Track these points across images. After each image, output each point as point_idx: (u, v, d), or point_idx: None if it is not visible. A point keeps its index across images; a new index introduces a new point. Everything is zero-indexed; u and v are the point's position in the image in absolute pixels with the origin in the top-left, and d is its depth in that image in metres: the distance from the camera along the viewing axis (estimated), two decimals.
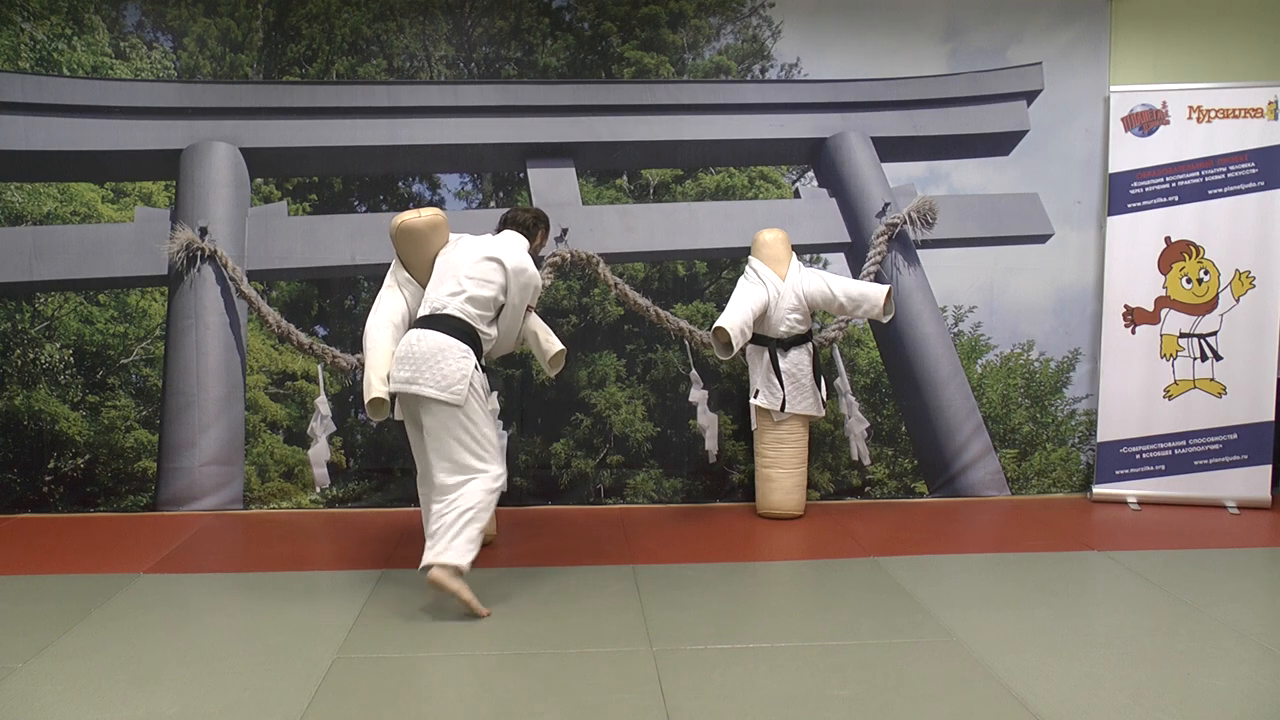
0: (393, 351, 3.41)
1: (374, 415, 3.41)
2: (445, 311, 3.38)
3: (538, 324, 3.79)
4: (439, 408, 3.23)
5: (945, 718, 2.48)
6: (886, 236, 4.84)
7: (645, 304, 4.78)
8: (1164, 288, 4.69)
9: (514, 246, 3.58)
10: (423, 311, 3.47)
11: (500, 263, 3.45)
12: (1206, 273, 4.64)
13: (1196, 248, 4.65)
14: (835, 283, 4.36)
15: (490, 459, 3.29)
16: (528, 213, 3.76)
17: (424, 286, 3.60)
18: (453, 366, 3.24)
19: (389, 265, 4.70)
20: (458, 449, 3.24)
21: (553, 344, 3.70)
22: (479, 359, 3.36)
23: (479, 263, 3.46)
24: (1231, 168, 4.60)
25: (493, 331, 3.49)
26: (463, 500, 3.21)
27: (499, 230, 3.75)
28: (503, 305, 3.50)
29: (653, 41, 4.79)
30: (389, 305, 3.58)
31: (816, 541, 4.14)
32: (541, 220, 3.78)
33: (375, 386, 3.35)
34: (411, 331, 3.40)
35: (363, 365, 4.62)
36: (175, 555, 3.93)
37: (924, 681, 2.69)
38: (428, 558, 3.20)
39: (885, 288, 4.30)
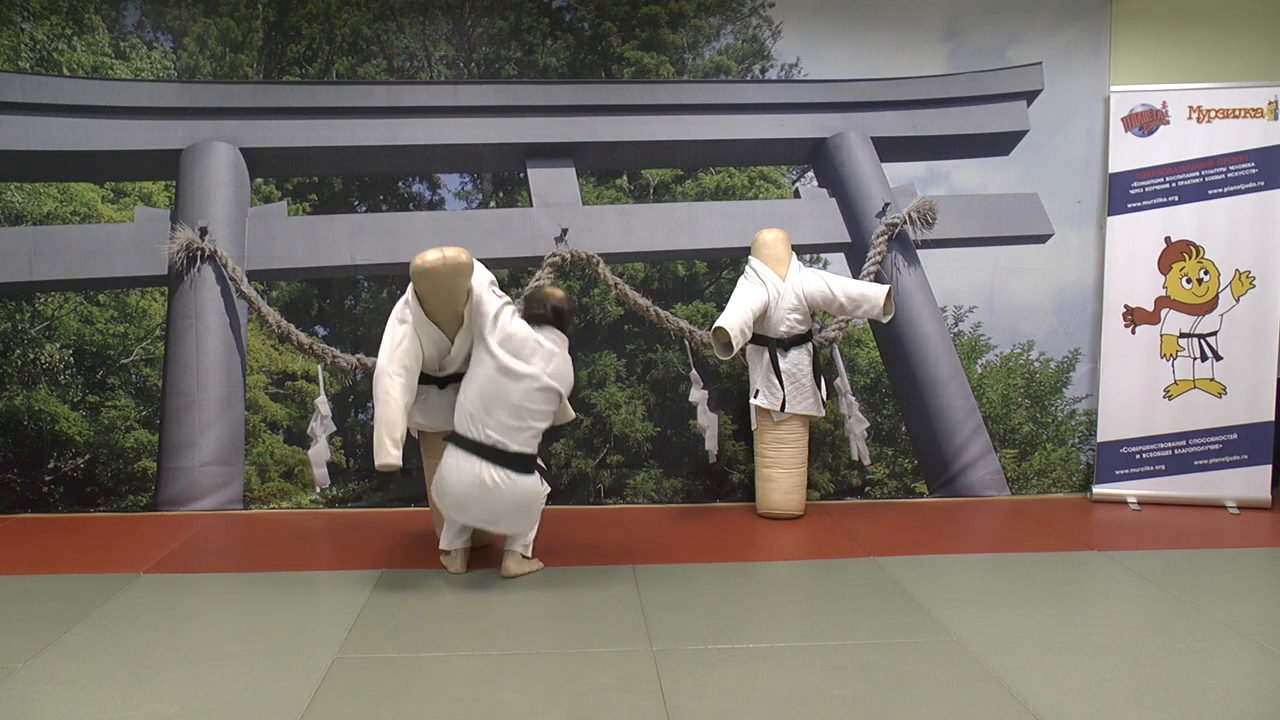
0: (406, 405, 3.42)
1: (383, 472, 3.43)
2: (513, 450, 3.42)
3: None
4: None
5: (945, 718, 2.48)
6: (886, 236, 4.84)
7: (645, 304, 4.78)
8: (1164, 288, 4.69)
9: (565, 366, 3.54)
10: (475, 434, 3.40)
11: (559, 393, 3.50)
12: (1206, 273, 4.64)
13: (1196, 248, 4.65)
14: (835, 283, 4.36)
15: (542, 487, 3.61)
16: (571, 310, 3.67)
17: (444, 331, 3.50)
18: (535, 507, 3.55)
19: (389, 265, 4.73)
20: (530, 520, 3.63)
21: (566, 414, 3.69)
22: None
23: (537, 392, 3.42)
24: (1231, 168, 4.60)
25: None
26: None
27: (533, 307, 3.59)
28: None
29: (653, 41, 4.79)
30: (404, 350, 3.44)
31: (816, 541, 4.14)
32: (574, 310, 3.81)
33: (389, 451, 3.34)
34: (480, 467, 3.38)
35: (362, 365, 4.66)
36: (175, 555, 3.93)
37: (924, 681, 2.69)
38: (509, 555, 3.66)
39: (885, 288, 4.30)
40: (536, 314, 3.57)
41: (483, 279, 3.45)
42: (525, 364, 3.41)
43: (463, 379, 3.52)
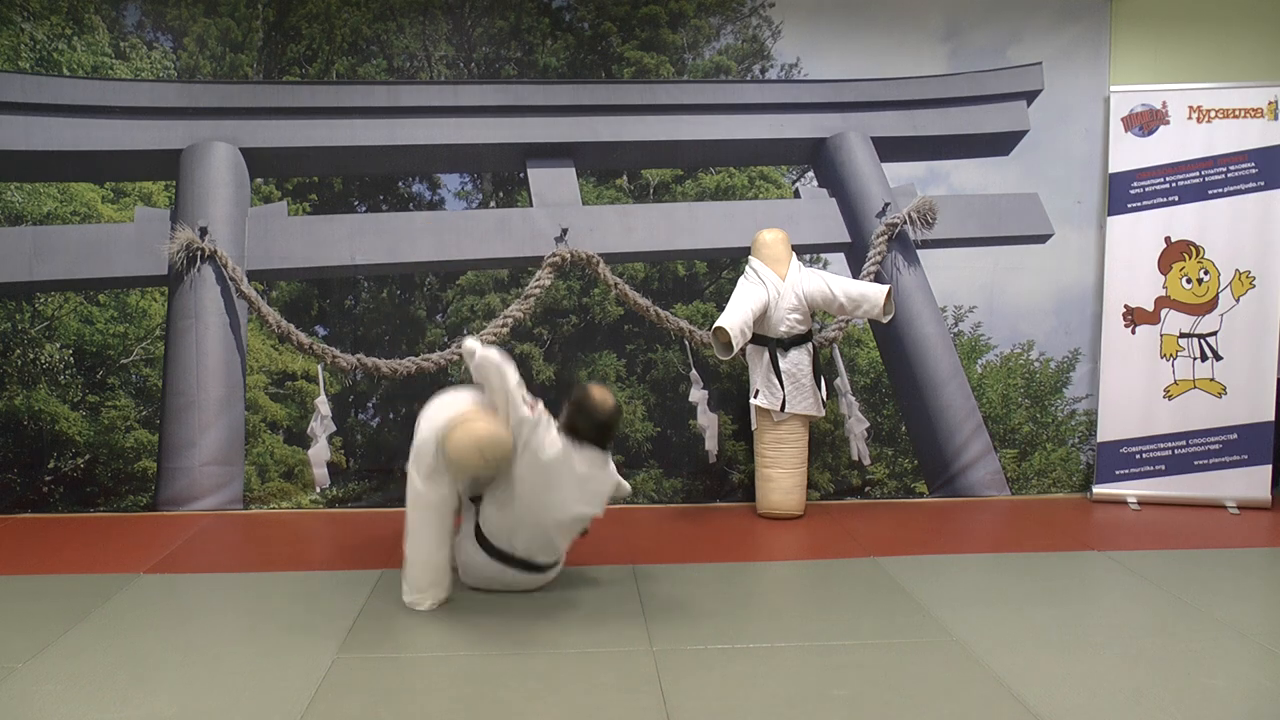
0: (450, 563, 3.36)
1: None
2: (540, 561, 3.38)
3: None
4: None
5: (945, 718, 2.48)
6: (886, 236, 4.84)
7: (645, 304, 4.78)
8: (1164, 288, 4.69)
9: (602, 485, 3.33)
10: (502, 544, 3.32)
11: (592, 515, 3.39)
12: (1206, 273, 4.64)
13: (1196, 248, 4.65)
14: (835, 283, 4.36)
15: None
16: (617, 423, 3.42)
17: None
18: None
19: (389, 265, 4.73)
20: None
21: (621, 490, 3.53)
22: None
23: (567, 520, 3.31)
24: (1231, 168, 4.60)
25: None
26: None
27: (575, 420, 3.26)
28: None
29: (653, 41, 4.79)
30: (443, 511, 3.26)
31: (816, 541, 4.14)
32: (620, 418, 3.50)
33: (424, 603, 3.29)
34: (503, 571, 3.36)
35: (362, 365, 4.66)
36: (175, 555, 3.93)
37: (924, 681, 2.69)
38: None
39: (885, 288, 4.30)
40: (577, 428, 3.25)
41: (509, 385, 3.19)
42: (556, 494, 3.22)
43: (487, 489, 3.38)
